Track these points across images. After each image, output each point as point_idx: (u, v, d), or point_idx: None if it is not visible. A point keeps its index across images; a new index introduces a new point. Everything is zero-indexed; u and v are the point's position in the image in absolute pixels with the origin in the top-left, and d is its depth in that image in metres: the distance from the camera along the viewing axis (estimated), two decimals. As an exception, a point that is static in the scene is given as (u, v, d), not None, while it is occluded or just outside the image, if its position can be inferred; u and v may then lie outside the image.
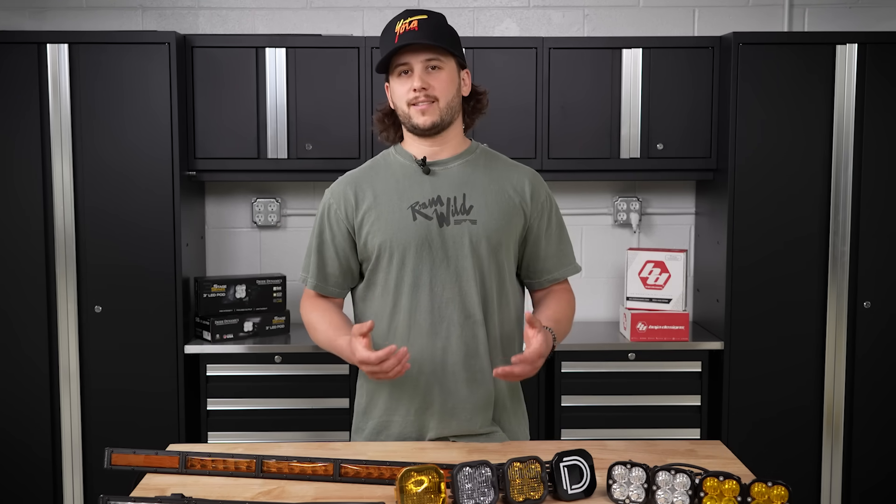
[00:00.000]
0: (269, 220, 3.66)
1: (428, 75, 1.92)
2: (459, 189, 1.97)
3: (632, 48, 3.34)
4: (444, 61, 1.93)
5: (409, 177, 1.98)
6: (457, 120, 2.01)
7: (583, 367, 3.28)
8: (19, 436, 3.25)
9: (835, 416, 3.30)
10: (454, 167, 1.99)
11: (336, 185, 2.05)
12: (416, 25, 1.90)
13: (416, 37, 1.89)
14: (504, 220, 1.97)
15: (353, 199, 1.99)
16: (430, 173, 1.98)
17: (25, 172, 3.18)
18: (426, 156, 1.99)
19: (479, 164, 2.02)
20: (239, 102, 3.31)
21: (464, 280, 1.94)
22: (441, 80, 1.93)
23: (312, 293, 2.07)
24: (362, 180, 2.02)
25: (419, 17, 1.92)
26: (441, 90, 1.93)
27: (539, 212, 2.02)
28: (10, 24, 3.58)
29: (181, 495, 1.54)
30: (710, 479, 1.53)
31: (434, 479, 1.52)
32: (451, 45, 1.94)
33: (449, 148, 2.00)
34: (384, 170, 2.02)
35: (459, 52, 1.97)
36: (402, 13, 1.95)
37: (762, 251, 3.27)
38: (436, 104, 1.93)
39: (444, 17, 1.98)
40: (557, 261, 2.06)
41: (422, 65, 1.91)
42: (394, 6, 3.61)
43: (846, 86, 3.23)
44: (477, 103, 2.05)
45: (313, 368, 3.26)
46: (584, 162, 3.38)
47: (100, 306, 3.22)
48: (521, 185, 2.01)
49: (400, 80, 1.94)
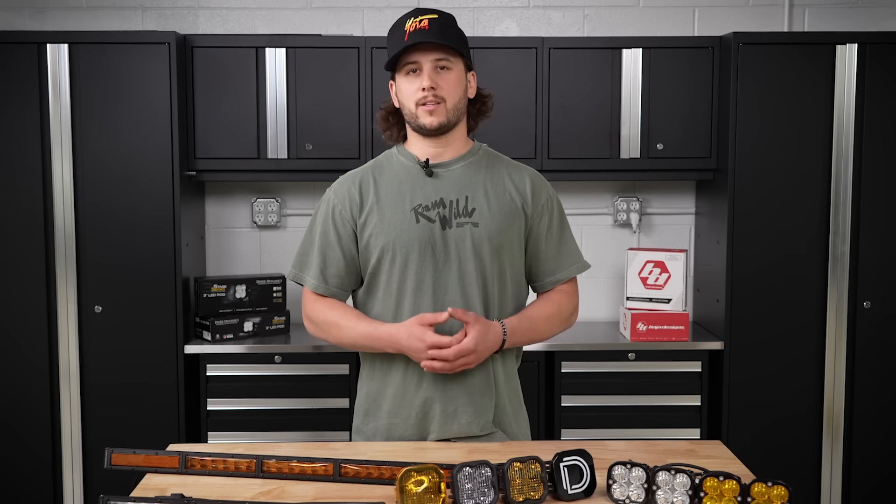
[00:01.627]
0: (269, 220, 3.66)
1: (437, 75, 1.91)
2: (462, 191, 1.96)
3: (632, 48, 3.34)
4: (454, 62, 1.93)
5: (411, 179, 1.98)
6: (461, 121, 2.00)
7: (583, 367, 3.28)
8: (19, 435, 3.25)
9: (835, 415, 3.30)
10: (457, 169, 1.99)
11: (339, 185, 2.04)
12: (426, 24, 1.90)
13: (426, 35, 1.88)
14: (506, 223, 1.96)
15: (357, 198, 1.98)
16: (433, 175, 1.98)
17: (25, 172, 3.18)
18: (429, 157, 1.98)
19: (481, 165, 2.01)
20: (239, 102, 3.31)
21: (466, 283, 1.94)
22: (449, 81, 1.92)
23: (314, 295, 2.04)
24: (366, 180, 2.01)
25: (430, 17, 1.91)
26: (449, 91, 1.92)
27: (539, 213, 2.02)
28: (10, 24, 3.58)
29: (181, 495, 1.54)
30: (710, 479, 1.53)
31: (434, 479, 1.52)
32: (461, 46, 1.94)
33: (452, 149, 2.00)
34: (387, 170, 2.02)
35: (468, 54, 1.97)
36: (413, 11, 1.94)
37: (762, 251, 3.27)
38: (443, 105, 1.92)
39: (454, 17, 1.98)
40: (557, 263, 2.05)
41: (431, 64, 1.91)
42: (394, 6, 3.61)
43: (846, 86, 3.23)
44: (482, 106, 2.05)
45: (313, 368, 3.26)
46: (584, 162, 3.38)
47: (100, 306, 3.22)
48: (522, 186, 2.01)
49: (408, 79, 1.93)
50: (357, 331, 1.97)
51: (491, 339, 1.90)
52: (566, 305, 2.07)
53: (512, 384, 2.04)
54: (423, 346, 1.86)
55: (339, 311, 2.01)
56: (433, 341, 1.85)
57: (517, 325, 1.96)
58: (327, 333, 2.02)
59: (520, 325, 1.97)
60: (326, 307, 2.02)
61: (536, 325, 2.01)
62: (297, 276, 2.05)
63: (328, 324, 2.01)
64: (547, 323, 2.03)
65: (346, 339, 1.99)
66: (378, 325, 1.95)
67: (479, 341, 1.87)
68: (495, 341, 1.92)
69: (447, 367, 1.87)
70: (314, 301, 2.04)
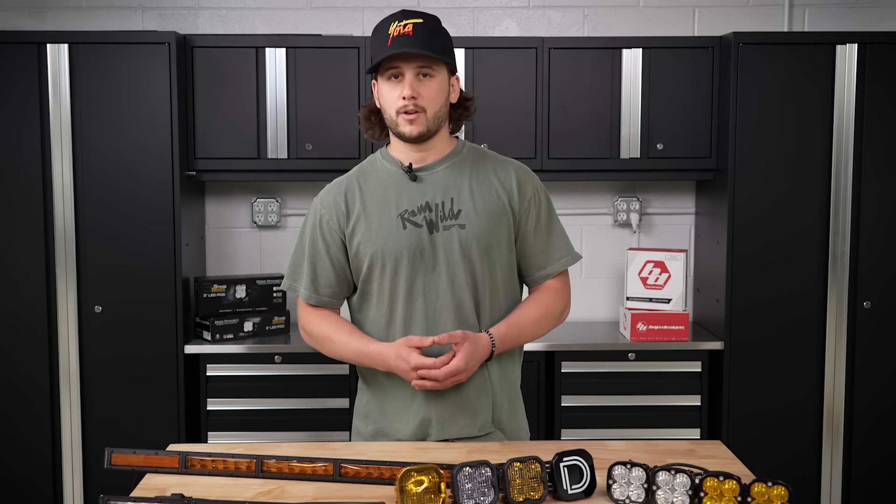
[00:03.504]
0: (269, 220, 3.66)
1: (419, 83, 1.89)
2: (447, 194, 1.95)
3: (632, 48, 3.34)
4: (436, 70, 1.91)
5: (396, 184, 1.97)
6: (444, 126, 1.99)
7: (583, 367, 3.28)
8: (19, 435, 3.25)
9: (835, 415, 3.30)
10: (440, 171, 1.98)
11: (325, 195, 2.03)
12: (410, 30, 1.87)
13: (409, 43, 1.86)
14: (493, 222, 1.95)
15: (343, 208, 1.98)
16: (417, 179, 1.97)
17: (25, 173, 3.18)
18: (412, 161, 1.97)
19: (465, 165, 2.00)
20: (239, 102, 3.31)
21: (456, 286, 1.93)
22: (431, 90, 1.91)
23: (308, 306, 2.05)
24: (351, 188, 2.00)
25: (414, 21, 1.89)
26: (430, 100, 1.91)
27: (527, 208, 2.00)
28: (10, 24, 3.58)
29: (181, 495, 1.54)
30: (710, 479, 1.53)
31: (434, 479, 1.52)
32: (444, 52, 1.92)
33: (435, 152, 1.98)
34: (372, 177, 2.01)
35: (452, 59, 1.96)
36: (398, 13, 1.92)
37: (762, 251, 3.27)
38: (423, 115, 1.90)
39: (439, 20, 1.96)
40: (546, 257, 2.03)
41: (413, 71, 1.89)
42: (394, 6, 3.60)
43: (846, 86, 3.23)
44: (465, 111, 2.03)
45: (313, 368, 3.26)
46: (583, 162, 3.38)
47: (100, 306, 3.22)
48: (508, 181, 1.99)
49: (389, 84, 1.91)
50: (349, 347, 1.98)
51: (480, 353, 1.91)
52: (555, 305, 2.05)
53: (507, 381, 2.04)
54: (409, 368, 1.88)
55: (332, 325, 2.02)
56: (417, 363, 1.86)
57: (505, 334, 1.96)
58: (322, 347, 2.05)
59: (508, 333, 1.96)
60: (321, 320, 2.03)
61: (524, 330, 2.00)
62: (291, 286, 2.06)
63: (322, 338, 2.03)
64: (536, 326, 2.02)
65: (339, 354, 2.02)
66: (369, 342, 1.95)
67: (468, 360, 1.87)
68: (484, 354, 1.92)
69: (438, 386, 1.88)
70: (309, 313, 2.05)
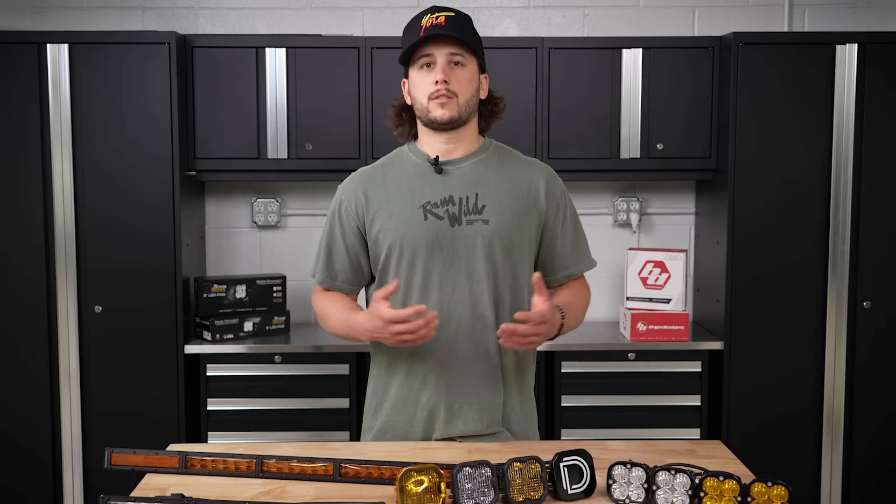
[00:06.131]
0: (269, 220, 3.66)
1: (451, 70, 1.93)
2: (472, 189, 1.97)
3: (632, 48, 3.34)
4: (468, 59, 1.95)
5: (421, 176, 1.99)
6: (473, 119, 2.01)
7: (583, 367, 3.28)
8: (19, 435, 3.25)
9: (835, 415, 3.30)
10: (467, 166, 1.99)
11: (348, 183, 2.06)
12: (443, 20, 1.92)
13: (442, 30, 1.90)
14: (517, 220, 1.97)
15: (363, 198, 2.00)
16: (443, 172, 1.98)
17: (25, 173, 3.18)
18: (439, 154, 1.99)
19: (492, 162, 2.02)
20: (239, 102, 3.31)
21: (475, 280, 1.94)
22: (462, 77, 1.94)
23: (320, 288, 2.09)
24: (374, 178, 2.02)
25: (447, 14, 1.93)
26: (461, 87, 1.93)
27: (554, 209, 2.02)
28: (10, 24, 3.58)
29: (181, 495, 1.54)
30: (710, 479, 1.53)
31: (434, 479, 1.52)
32: (475, 44, 1.96)
33: (463, 146, 2.00)
34: (397, 168, 2.03)
35: (482, 55, 1.99)
36: (430, 8, 1.96)
37: (762, 251, 3.27)
38: (455, 100, 1.93)
39: (471, 18, 2.00)
40: (573, 257, 2.06)
41: (445, 58, 1.92)
42: (394, 6, 3.61)
43: (846, 86, 3.23)
44: (494, 107, 2.06)
45: (313, 368, 3.26)
46: (583, 162, 3.38)
47: (100, 306, 3.22)
48: (535, 182, 2.01)
49: (421, 73, 1.94)
50: (339, 320, 2.00)
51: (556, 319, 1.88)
52: (588, 299, 2.10)
53: (521, 381, 2.03)
54: (382, 324, 1.81)
55: (329, 302, 2.05)
56: (390, 316, 1.79)
57: (567, 313, 1.95)
58: (323, 324, 2.08)
59: (567, 312, 1.96)
60: (322, 298, 2.07)
61: (573, 312, 2.00)
62: (312, 271, 2.10)
63: (321, 315, 2.08)
64: (581, 313, 2.06)
65: (333, 329, 2.04)
66: (351, 313, 1.97)
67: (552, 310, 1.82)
68: (557, 323, 1.90)
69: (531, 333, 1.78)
70: (317, 293, 2.10)
